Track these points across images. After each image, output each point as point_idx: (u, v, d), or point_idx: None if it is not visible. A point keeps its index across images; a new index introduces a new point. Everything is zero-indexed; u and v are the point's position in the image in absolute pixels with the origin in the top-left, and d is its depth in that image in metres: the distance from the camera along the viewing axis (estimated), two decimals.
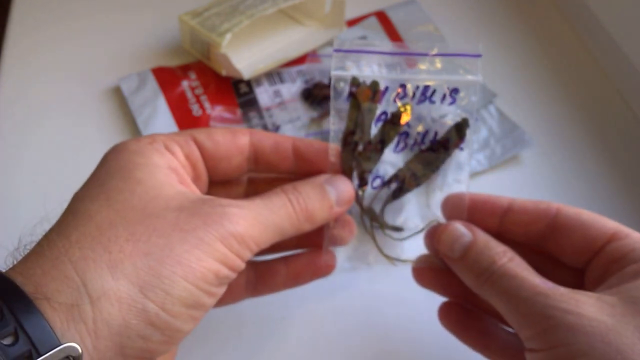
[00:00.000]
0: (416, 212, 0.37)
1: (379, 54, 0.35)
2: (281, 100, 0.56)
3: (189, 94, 0.56)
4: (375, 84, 0.36)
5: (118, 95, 0.57)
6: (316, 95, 0.55)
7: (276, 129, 0.54)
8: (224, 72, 0.56)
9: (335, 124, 0.36)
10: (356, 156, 0.36)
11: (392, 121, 0.36)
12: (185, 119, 0.55)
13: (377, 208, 0.38)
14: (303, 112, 0.55)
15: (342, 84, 0.35)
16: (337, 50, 0.34)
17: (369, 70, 0.35)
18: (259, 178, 0.40)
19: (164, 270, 0.29)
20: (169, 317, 0.29)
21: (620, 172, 0.54)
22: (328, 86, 0.56)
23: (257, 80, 0.58)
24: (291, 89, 0.57)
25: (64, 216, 0.32)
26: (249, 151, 0.37)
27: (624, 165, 0.54)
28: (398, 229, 0.38)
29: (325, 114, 0.54)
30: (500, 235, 0.35)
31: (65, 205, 0.32)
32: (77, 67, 0.59)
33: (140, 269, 0.29)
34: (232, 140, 0.36)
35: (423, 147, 0.36)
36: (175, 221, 0.30)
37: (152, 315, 0.29)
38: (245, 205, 0.32)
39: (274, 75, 0.58)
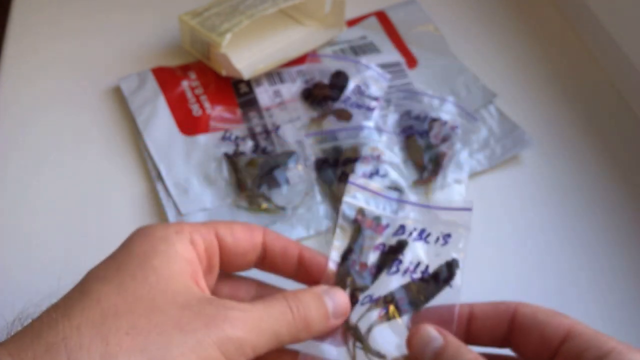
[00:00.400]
0: (398, 342, 0.36)
1: (385, 198, 0.39)
2: (281, 100, 0.56)
3: (189, 94, 0.56)
4: (378, 219, 0.39)
5: (118, 95, 0.57)
6: (316, 96, 0.55)
7: (276, 128, 0.54)
8: (224, 72, 0.56)
9: (339, 239, 0.39)
10: (352, 273, 0.38)
11: (390, 252, 0.39)
12: (185, 119, 0.55)
13: (362, 328, 0.37)
14: (303, 112, 0.55)
15: (350, 209, 0.39)
16: (351, 183, 0.39)
17: (375, 206, 0.39)
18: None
19: None
20: None
21: (620, 171, 0.54)
22: (328, 86, 0.56)
23: (257, 80, 0.58)
24: (291, 89, 0.57)
25: (73, 292, 0.32)
26: (260, 249, 0.38)
27: (624, 165, 0.54)
28: (381, 356, 0.36)
29: (325, 114, 0.54)
30: (468, 342, 0.35)
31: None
32: (77, 67, 0.59)
33: None
34: (250, 237, 0.37)
35: (415, 276, 0.38)
36: (177, 319, 0.30)
37: None
38: (248, 309, 0.32)
39: (273, 75, 0.58)
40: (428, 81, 0.59)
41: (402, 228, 0.39)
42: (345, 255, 0.38)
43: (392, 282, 0.38)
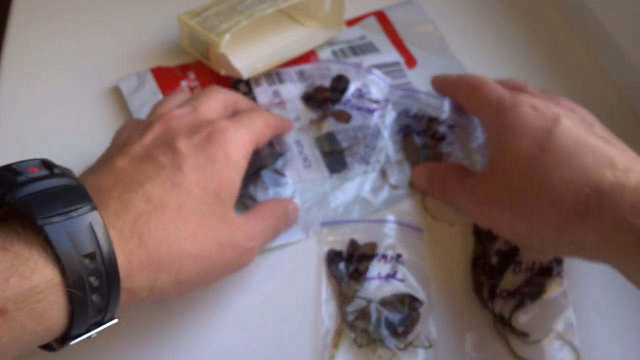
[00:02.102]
0: (535, 321, 0.46)
1: None
2: (280, 100, 0.56)
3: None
4: (490, 231, 0.49)
5: (117, 95, 0.57)
6: (316, 99, 0.55)
7: None
8: (223, 72, 0.56)
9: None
10: (486, 273, 0.47)
11: (507, 255, 0.48)
12: None
13: (506, 315, 0.46)
14: (303, 114, 0.55)
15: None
16: None
17: None
18: None
19: None
20: None
21: None
22: (328, 89, 0.56)
23: (256, 80, 0.58)
24: (290, 89, 0.57)
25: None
26: None
27: None
28: (525, 334, 0.45)
29: (324, 116, 0.54)
30: None
31: None
32: (76, 67, 0.59)
33: None
34: None
35: (534, 272, 0.47)
36: None
37: None
38: None
39: (273, 75, 0.58)
40: (427, 81, 0.58)
41: None
42: (476, 261, 0.48)
43: (517, 279, 0.47)
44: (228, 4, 0.57)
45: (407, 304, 0.45)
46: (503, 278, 0.47)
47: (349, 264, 0.47)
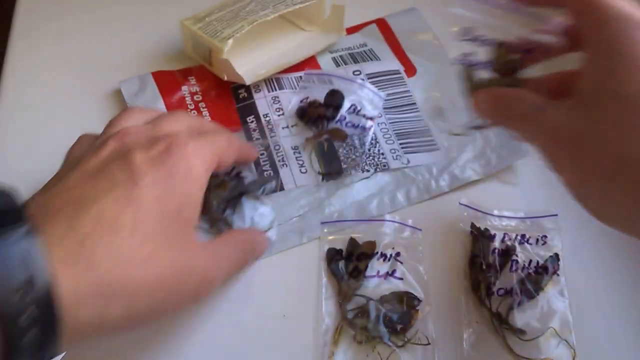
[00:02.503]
0: (531, 318, 0.46)
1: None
2: (279, 106, 0.57)
3: (189, 100, 0.57)
4: (487, 230, 0.50)
5: (119, 98, 0.57)
6: (311, 115, 0.55)
7: (272, 133, 0.55)
8: (225, 77, 0.56)
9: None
10: (482, 271, 0.47)
11: (504, 254, 0.49)
12: None
13: (503, 312, 0.46)
14: (298, 131, 0.56)
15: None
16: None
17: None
18: None
19: None
20: None
21: None
22: (322, 105, 0.56)
23: (256, 86, 0.58)
24: (289, 96, 0.58)
25: None
26: None
27: None
28: (522, 331, 0.45)
29: (320, 134, 0.55)
30: None
31: None
32: (79, 69, 0.60)
33: None
34: None
35: (530, 270, 0.48)
36: None
37: None
38: None
39: (272, 81, 0.59)
40: (426, 90, 0.59)
41: (506, 234, 0.50)
42: (473, 261, 0.48)
43: (513, 277, 0.48)
44: (230, 9, 0.58)
45: (405, 302, 0.45)
46: (500, 276, 0.48)
47: (348, 262, 0.48)
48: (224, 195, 0.46)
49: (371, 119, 0.56)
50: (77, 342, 0.31)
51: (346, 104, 0.56)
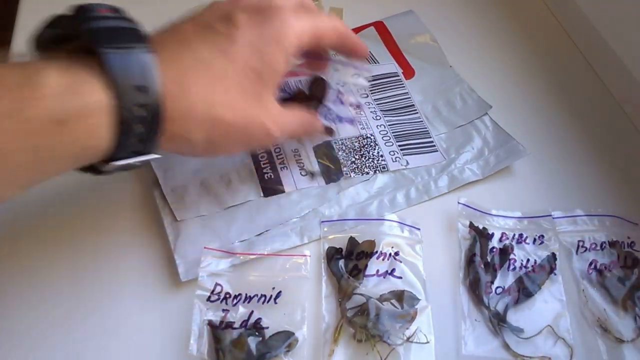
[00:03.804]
0: (529, 317, 0.47)
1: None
2: None
3: None
4: (485, 230, 0.51)
5: None
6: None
7: None
8: None
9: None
10: (481, 270, 0.48)
11: (502, 253, 0.50)
12: None
13: (501, 310, 0.47)
14: None
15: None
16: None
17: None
18: None
19: None
20: None
21: (616, 182, 0.55)
22: (308, 97, 0.55)
23: None
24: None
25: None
26: None
27: (620, 175, 0.56)
28: (520, 329, 0.46)
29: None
30: None
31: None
32: None
33: None
34: None
35: (528, 269, 0.49)
36: None
37: None
38: None
39: None
40: (424, 92, 0.60)
41: (503, 235, 0.51)
42: (472, 258, 0.49)
43: (511, 276, 0.49)
44: None
45: (404, 301, 0.46)
46: (498, 275, 0.48)
47: (348, 261, 0.48)
48: (242, 357, 0.42)
49: (358, 106, 0.57)
50: (169, 148, 0.39)
51: (331, 94, 0.56)
